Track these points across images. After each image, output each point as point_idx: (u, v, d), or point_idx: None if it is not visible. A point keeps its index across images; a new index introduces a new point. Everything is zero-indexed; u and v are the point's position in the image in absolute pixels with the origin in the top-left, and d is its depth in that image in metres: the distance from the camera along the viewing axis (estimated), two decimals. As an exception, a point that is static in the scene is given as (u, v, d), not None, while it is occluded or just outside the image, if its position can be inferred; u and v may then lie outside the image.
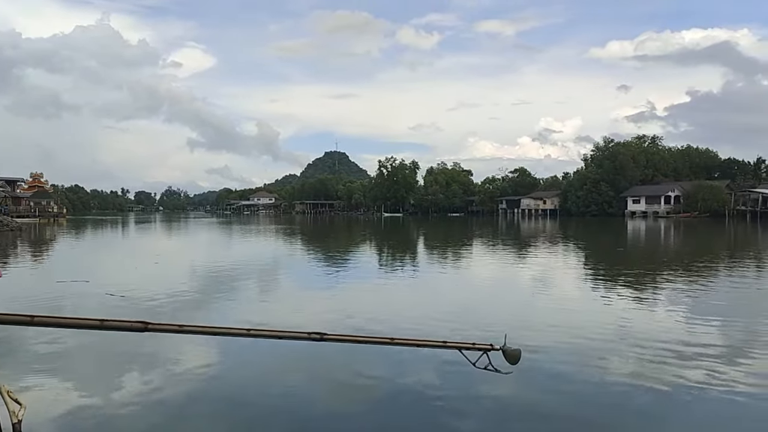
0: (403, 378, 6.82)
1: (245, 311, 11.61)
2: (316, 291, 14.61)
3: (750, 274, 18.32)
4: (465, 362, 3.56)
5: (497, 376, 3.63)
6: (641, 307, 12.15)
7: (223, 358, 7.66)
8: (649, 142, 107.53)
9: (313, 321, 9.73)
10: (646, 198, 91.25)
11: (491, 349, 3.44)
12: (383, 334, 7.64)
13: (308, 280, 17.06)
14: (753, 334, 9.36)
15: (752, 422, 5.68)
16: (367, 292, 14.71)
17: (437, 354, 6.96)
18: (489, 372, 3.48)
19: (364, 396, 6.37)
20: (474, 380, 6.27)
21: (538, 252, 28.65)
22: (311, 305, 12.56)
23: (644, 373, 7.06)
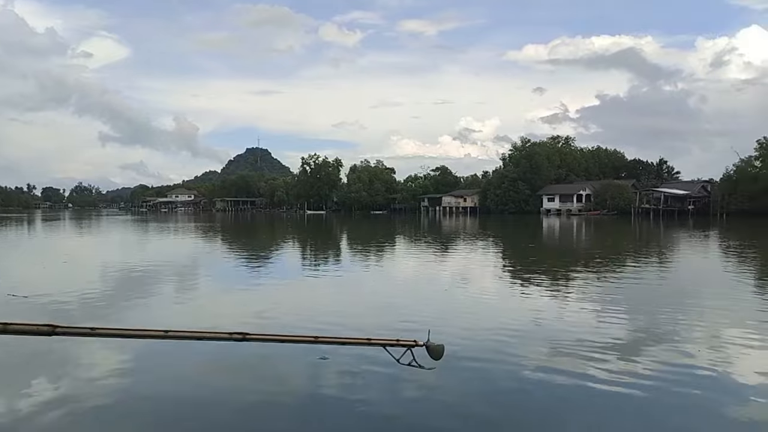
0: (327, 376, 6.80)
1: (162, 312, 11.20)
2: (238, 290, 14.29)
3: (652, 269, 19.52)
4: (389, 359, 3.58)
5: (421, 372, 3.67)
6: (554, 300, 12.69)
7: (138, 362, 7.35)
8: (562, 142, 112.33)
9: (235, 321, 9.51)
10: (560, 196, 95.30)
11: (415, 345, 3.48)
12: (307, 332, 7.60)
13: (230, 279, 16.66)
14: (655, 325, 9.97)
15: (658, 411, 6.04)
16: (290, 291, 14.55)
17: (362, 351, 6.98)
18: (413, 368, 3.52)
19: (287, 396, 6.29)
20: (398, 377, 6.34)
21: (459, 249, 29.33)
22: (233, 305, 12.28)
23: (558, 366, 7.37)
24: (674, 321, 10.26)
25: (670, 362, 7.58)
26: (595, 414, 5.88)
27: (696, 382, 6.76)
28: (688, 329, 9.64)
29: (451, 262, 22.57)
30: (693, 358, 7.73)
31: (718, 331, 9.44)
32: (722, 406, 6.03)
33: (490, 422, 5.67)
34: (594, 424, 5.63)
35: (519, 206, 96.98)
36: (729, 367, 7.46)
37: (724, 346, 8.51)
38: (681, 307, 11.83)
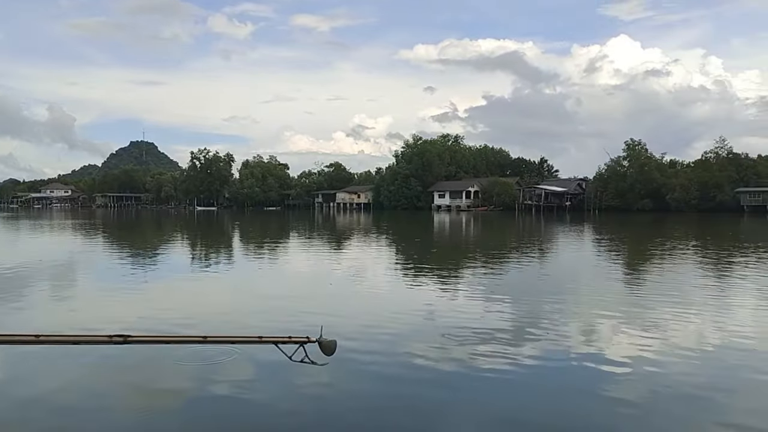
0: (217, 377, 6.60)
1: (34, 316, 10.36)
2: (119, 291, 13.50)
3: (534, 261, 20.71)
4: (282, 357, 3.54)
5: (314, 368, 3.67)
6: (444, 293, 13.12)
7: (9, 370, 6.76)
8: (452, 140, 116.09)
9: (116, 323, 9.00)
10: (450, 193, 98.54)
11: (307, 341, 3.47)
12: (195, 332, 7.34)
13: (111, 279, 15.70)
14: (537, 313, 10.59)
15: (541, 393, 6.43)
16: (177, 290, 13.97)
17: (253, 350, 6.85)
18: (306, 364, 3.50)
19: (174, 400, 6.04)
20: (291, 374, 6.30)
21: (352, 245, 29.53)
22: (114, 307, 11.58)
23: (448, 355, 7.65)
24: (553, 309, 10.95)
25: (550, 347, 8.09)
26: (484, 399, 6.14)
27: (573, 365, 7.27)
28: (566, 316, 10.33)
29: (344, 257, 22.68)
30: (570, 343, 8.31)
31: (592, 318, 10.20)
32: (596, 385, 6.52)
33: (385, 415, 5.76)
34: (484, 408, 5.89)
35: (411, 202, 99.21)
36: (602, 348, 8.08)
37: (597, 331, 9.21)
38: (559, 296, 12.66)
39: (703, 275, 16.65)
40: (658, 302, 11.66)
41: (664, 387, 6.43)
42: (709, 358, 7.66)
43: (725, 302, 12.01)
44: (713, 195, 74.38)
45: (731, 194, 73.80)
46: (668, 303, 11.49)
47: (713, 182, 75.07)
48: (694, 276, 16.47)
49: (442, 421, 5.64)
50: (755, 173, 76.57)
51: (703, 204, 73.83)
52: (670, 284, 14.64)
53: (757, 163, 79.46)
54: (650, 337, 8.67)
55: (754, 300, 12.39)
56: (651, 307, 11.18)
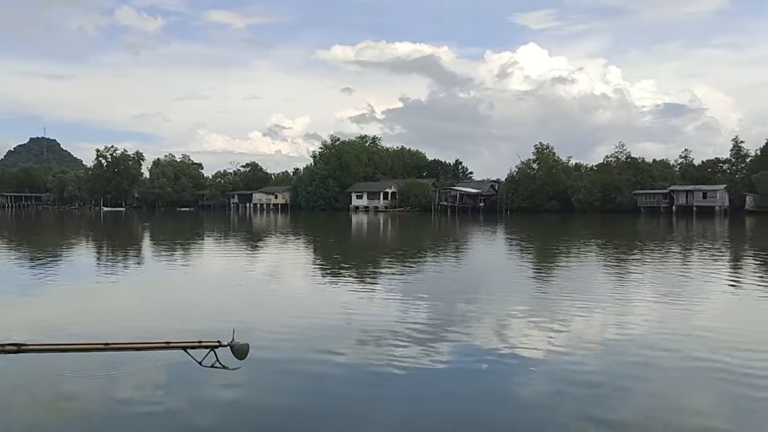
0: (121, 388, 6.24)
1: None
2: (13, 297, 12.56)
3: (450, 261, 21.17)
4: (191, 363, 3.40)
5: (226, 373, 3.54)
6: (361, 294, 13.12)
7: None
8: (370, 141, 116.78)
9: (8, 331, 8.35)
10: (368, 194, 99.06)
11: (218, 345, 3.34)
12: (98, 339, 6.93)
13: (3, 284, 14.59)
14: (452, 312, 10.80)
15: (457, 390, 6.54)
16: (78, 295, 13.15)
17: (160, 357, 6.52)
18: (217, 370, 3.38)
19: (73, 414, 5.64)
20: (202, 381, 6.05)
21: (268, 246, 29.06)
22: (6, 313, 10.76)
23: (367, 355, 7.64)
24: (468, 307, 11.21)
25: (465, 344, 8.27)
26: (401, 397, 6.17)
27: (487, 360, 7.45)
28: (480, 314, 10.60)
29: (258, 259, 22.26)
30: (484, 340, 8.53)
31: (504, 315, 10.52)
32: (508, 379, 6.71)
33: (301, 418, 5.66)
34: (402, 406, 5.91)
35: (329, 203, 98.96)
36: (514, 344, 8.34)
37: (508, 328, 9.51)
38: (473, 294, 12.99)
39: (605, 273, 17.60)
40: (566, 299, 12.20)
41: (572, 379, 6.71)
42: (611, 351, 8.07)
43: (626, 298, 12.74)
44: (614, 197, 78.90)
45: (629, 196, 78.59)
46: (574, 299, 12.05)
47: (614, 185, 79.65)
48: (597, 273, 17.38)
49: (360, 421, 5.61)
50: (651, 176, 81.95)
51: (605, 205, 78.18)
52: (576, 281, 15.36)
53: (652, 166, 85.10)
54: (558, 332, 9.03)
55: (651, 295, 13.21)
56: (559, 303, 11.67)
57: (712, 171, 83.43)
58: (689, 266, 19.43)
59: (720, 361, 7.36)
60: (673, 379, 6.79)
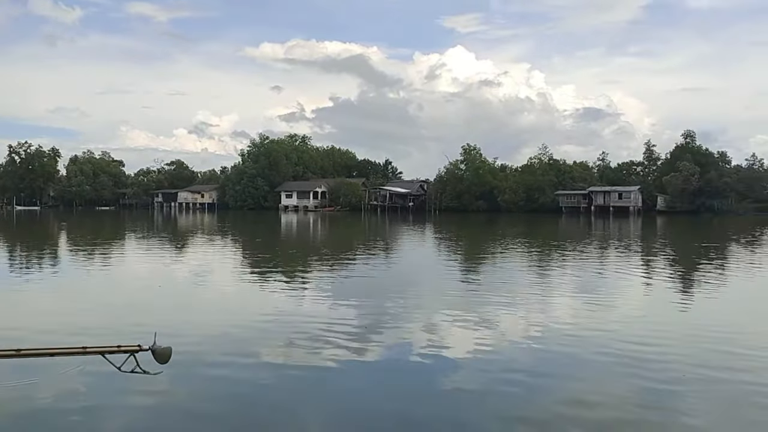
0: (34, 396, 5.90)
1: None
2: None
3: (379, 260, 21.30)
4: (110, 368, 3.28)
5: (148, 379, 3.44)
6: (289, 293, 13.01)
7: None
8: (299, 140, 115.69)
9: None
10: (298, 193, 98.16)
11: (139, 350, 3.24)
12: (9, 345, 6.54)
13: None
14: (383, 311, 10.88)
15: (387, 388, 6.60)
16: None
17: (77, 362, 6.23)
18: (138, 375, 3.28)
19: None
20: (122, 387, 5.80)
21: (194, 246, 28.28)
22: None
23: (295, 356, 7.58)
24: (397, 306, 11.33)
25: (395, 343, 8.34)
26: (330, 397, 6.16)
27: (416, 359, 7.56)
28: (409, 313, 10.73)
29: (183, 259, 21.64)
30: (413, 338, 8.64)
31: (432, 312, 10.71)
32: (436, 377, 6.83)
33: (226, 422, 5.54)
34: (331, 406, 5.91)
35: (258, 202, 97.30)
36: (442, 342, 8.51)
37: (437, 324, 9.69)
38: (402, 293, 13.13)
39: (529, 270, 18.21)
40: (492, 296, 12.54)
41: (498, 374, 6.92)
42: (535, 346, 8.36)
43: (549, 294, 13.24)
44: (537, 197, 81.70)
45: (552, 196, 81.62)
46: (501, 296, 12.40)
47: (537, 185, 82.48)
48: (522, 271, 17.96)
49: (288, 427, 5.57)
50: (571, 178, 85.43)
51: (529, 205, 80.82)
52: (502, 279, 15.82)
53: (573, 168, 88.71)
54: (484, 329, 9.28)
55: (573, 291, 13.80)
56: (485, 301, 11.99)
57: (627, 173, 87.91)
58: (606, 263, 20.40)
59: (634, 355, 7.78)
60: (593, 372, 7.11)
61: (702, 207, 71.19)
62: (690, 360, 7.46)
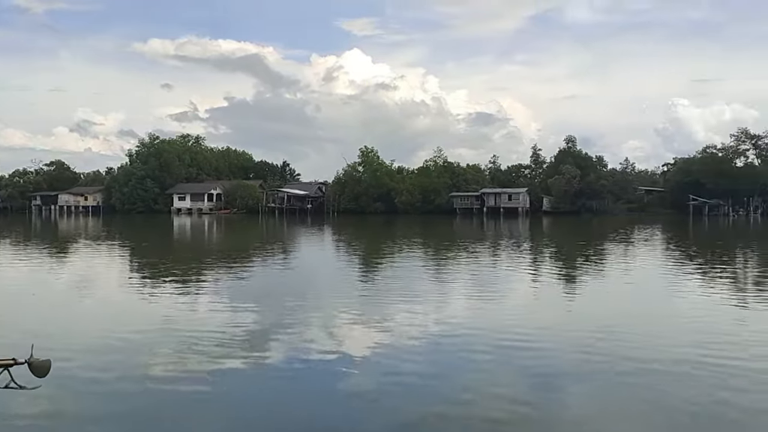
0: None
1: None
2: None
3: (277, 263, 21.02)
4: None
5: (24, 394, 3.21)
6: (183, 300, 12.51)
7: None
8: (193, 141, 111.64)
9: None
10: (191, 195, 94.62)
11: (14, 363, 3.02)
12: None
13: None
14: (281, 315, 10.74)
15: (286, 393, 6.53)
16: None
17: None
18: (13, 390, 3.05)
19: None
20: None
21: (74, 251, 26.50)
22: None
23: (189, 365, 7.30)
24: (296, 310, 11.21)
25: (293, 346, 8.27)
26: (227, 405, 6.01)
27: (315, 360, 7.55)
28: (308, 316, 10.67)
29: (64, 266, 20.22)
30: (312, 342, 8.60)
31: (331, 315, 10.73)
32: (335, 379, 6.83)
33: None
34: (227, 415, 5.77)
35: (148, 205, 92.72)
36: (341, 343, 8.55)
37: (336, 326, 9.72)
38: (302, 296, 13.05)
39: (426, 270, 18.68)
40: (390, 297, 12.75)
41: (395, 373, 7.05)
42: (432, 345, 8.63)
43: (444, 293, 13.66)
44: (433, 199, 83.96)
45: (447, 198, 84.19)
46: (398, 297, 12.64)
47: (432, 187, 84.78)
48: (419, 271, 18.39)
49: (180, 434, 5.38)
50: (465, 180, 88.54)
51: (425, 206, 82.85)
52: (400, 280, 16.11)
53: (466, 171, 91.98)
54: (382, 330, 9.43)
55: (467, 290, 14.32)
56: (384, 301, 12.17)
57: (516, 175, 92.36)
58: (498, 262, 21.35)
59: (527, 349, 8.23)
60: (487, 368, 7.41)
61: (582, 207, 76.15)
62: (575, 351, 7.99)
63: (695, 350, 7.95)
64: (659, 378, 6.81)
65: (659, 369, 7.15)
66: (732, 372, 6.99)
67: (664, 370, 7.08)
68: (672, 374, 6.96)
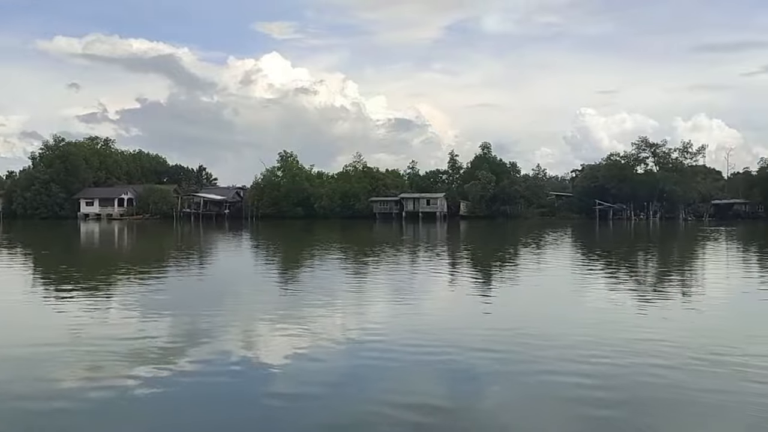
0: None
1: None
2: None
3: (192, 270, 20.49)
4: None
5: None
6: (95, 309, 11.99)
7: None
8: (102, 144, 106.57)
9: None
10: (100, 200, 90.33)
11: None
12: None
13: None
14: (196, 324, 10.54)
15: (203, 402, 6.45)
16: None
17: None
18: None
19: None
20: None
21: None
22: None
23: (101, 376, 7.07)
24: (213, 317, 11.00)
25: (210, 354, 8.17)
26: (143, 418, 5.89)
27: (232, 370, 7.49)
28: (226, 323, 10.53)
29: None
30: (230, 349, 8.51)
31: (249, 322, 10.65)
32: (254, 386, 6.83)
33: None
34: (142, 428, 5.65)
35: (53, 211, 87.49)
36: (259, 350, 8.52)
37: (254, 333, 9.67)
38: (219, 303, 12.83)
39: (345, 275, 18.81)
40: (309, 302, 12.78)
41: (314, 378, 7.14)
42: (351, 349, 8.76)
43: (363, 298, 13.84)
44: (352, 203, 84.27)
45: (366, 203, 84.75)
46: (317, 302, 12.69)
47: (352, 192, 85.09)
48: (338, 276, 18.49)
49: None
50: (384, 185, 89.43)
51: (345, 211, 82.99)
52: (319, 285, 16.14)
53: (386, 176, 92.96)
54: (301, 335, 9.46)
55: (386, 294, 14.56)
56: (303, 307, 12.18)
57: (434, 181, 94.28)
58: (416, 266, 21.80)
59: (441, 351, 8.52)
60: (404, 371, 7.59)
61: (497, 212, 78.79)
62: (491, 355, 8.35)
63: (601, 348, 8.52)
64: (568, 375, 7.24)
65: (567, 366, 7.61)
66: (632, 366, 7.57)
67: (574, 368, 7.55)
68: (582, 372, 7.42)
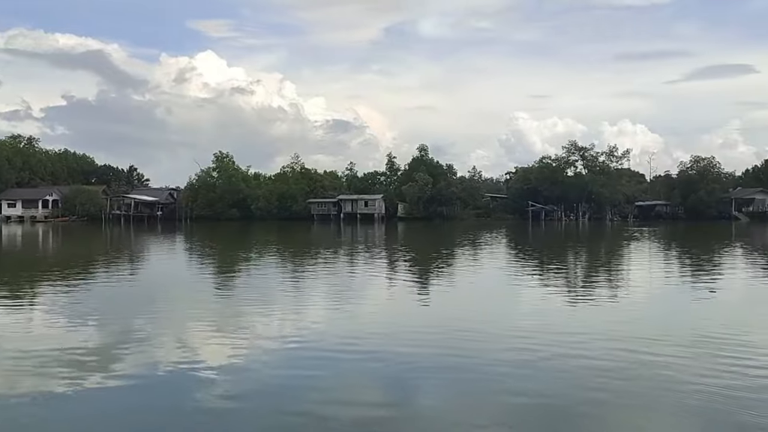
0: None
1: None
2: None
3: (123, 275, 19.83)
4: None
5: None
6: (17, 315, 11.46)
7: None
8: (25, 142, 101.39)
9: None
10: (23, 201, 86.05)
11: None
12: None
13: None
14: (128, 329, 10.24)
15: (136, 410, 6.29)
16: None
17: None
18: None
19: None
20: None
21: None
22: None
23: (22, 384, 6.82)
24: (146, 322, 10.72)
25: (144, 362, 7.94)
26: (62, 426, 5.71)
27: (166, 373, 7.36)
28: (159, 328, 10.27)
29: None
30: (164, 354, 8.33)
31: (185, 327, 10.44)
32: (188, 392, 6.71)
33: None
34: None
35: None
36: (194, 357, 8.37)
37: (190, 340, 9.49)
38: (152, 308, 12.47)
39: (282, 277, 18.67)
40: (245, 304, 12.65)
41: (252, 382, 7.10)
42: (289, 352, 8.75)
43: (301, 301, 13.79)
44: (290, 205, 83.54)
45: (304, 204, 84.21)
46: (254, 305, 12.57)
47: (290, 194, 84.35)
48: (275, 279, 18.33)
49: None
50: (322, 186, 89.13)
51: (282, 213, 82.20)
52: (255, 288, 15.98)
53: (324, 177, 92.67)
54: (238, 338, 9.38)
55: (324, 296, 14.55)
56: (238, 309, 12.05)
57: (372, 182, 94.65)
58: (354, 267, 21.87)
59: (378, 353, 8.63)
60: (343, 376, 7.61)
61: (434, 213, 79.90)
62: (428, 353, 8.52)
63: (534, 341, 8.83)
64: (506, 369, 7.51)
65: (505, 360, 7.88)
66: (562, 357, 7.92)
67: (509, 361, 7.82)
68: (517, 364, 7.70)
